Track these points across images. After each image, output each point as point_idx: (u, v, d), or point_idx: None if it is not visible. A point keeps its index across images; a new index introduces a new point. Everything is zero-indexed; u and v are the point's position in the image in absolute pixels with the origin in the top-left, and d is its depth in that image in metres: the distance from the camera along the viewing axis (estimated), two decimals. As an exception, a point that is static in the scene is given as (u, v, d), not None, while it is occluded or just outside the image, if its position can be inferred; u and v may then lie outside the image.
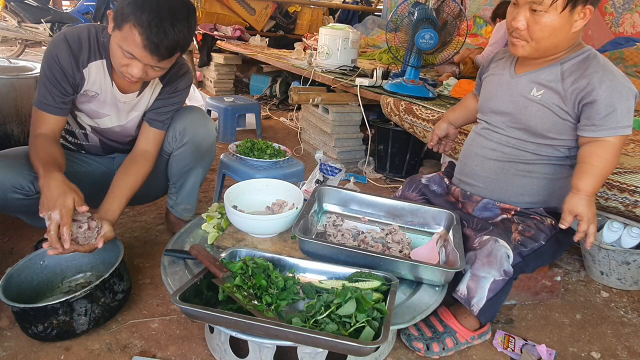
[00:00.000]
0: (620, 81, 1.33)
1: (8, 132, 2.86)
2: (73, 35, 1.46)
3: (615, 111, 1.31)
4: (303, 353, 1.22)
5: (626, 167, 1.81)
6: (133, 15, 1.29)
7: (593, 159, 1.33)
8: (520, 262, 1.37)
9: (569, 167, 1.47)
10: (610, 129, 1.32)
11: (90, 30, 1.49)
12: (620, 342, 1.56)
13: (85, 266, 1.61)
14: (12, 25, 6.44)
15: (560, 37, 1.34)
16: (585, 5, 1.30)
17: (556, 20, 1.31)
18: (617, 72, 1.35)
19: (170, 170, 1.80)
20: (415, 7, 2.65)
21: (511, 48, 1.44)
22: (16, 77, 2.84)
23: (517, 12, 1.35)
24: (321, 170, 1.99)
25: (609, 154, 1.33)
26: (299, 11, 6.87)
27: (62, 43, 1.45)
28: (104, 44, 1.49)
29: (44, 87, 1.47)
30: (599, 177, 1.33)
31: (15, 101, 2.82)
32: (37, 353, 1.33)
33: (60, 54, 1.45)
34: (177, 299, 1.08)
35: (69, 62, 1.46)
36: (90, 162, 1.75)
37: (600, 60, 1.37)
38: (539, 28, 1.33)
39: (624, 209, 1.77)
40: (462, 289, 1.36)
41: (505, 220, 1.50)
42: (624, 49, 3.50)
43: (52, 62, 1.45)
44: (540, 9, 1.30)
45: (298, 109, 4.07)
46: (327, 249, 1.36)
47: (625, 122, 1.32)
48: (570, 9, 1.29)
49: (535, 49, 1.38)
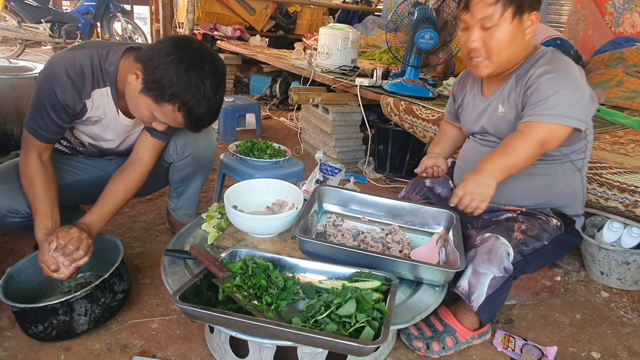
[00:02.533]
0: (565, 72, 1.33)
1: (8, 132, 2.86)
2: (74, 66, 1.36)
3: (548, 98, 1.30)
4: (303, 353, 1.22)
5: (626, 167, 1.81)
6: (179, 99, 1.26)
7: (506, 144, 1.35)
8: (521, 260, 1.37)
9: (571, 164, 1.47)
10: (536, 115, 1.31)
11: (93, 59, 1.38)
12: (620, 342, 1.56)
13: (85, 266, 1.60)
14: (12, 25, 6.43)
15: (516, 46, 1.38)
16: (531, 12, 1.34)
17: (509, 30, 1.35)
18: (565, 65, 1.35)
19: (171, 177, 1.81)
20: (415, 7, 2.65)
21: (473, 71, 1.48)
22: (16, 77, 2.84)
23: (470, 34, 1.40)
24: (321, 170, 1.99)
25: (524, 142, 1.32)
26: (299, 11, 6.87)
27: (63, 78, 1.35)
28: (109, 72, 1.40)
29: (38, 114, 1.37)
30: (504, 162, 1.34)
31: (15, 101, 2.82)
32: (37, 353, 1.33)
33: (61, 89, 1.35)
34: (177, 299, 1.08)
35: (71, 97, 1.37)
36: (86, 167, 1.69)
37: (549, 56, 1.39)
38: (495, 42, 1.37)
39: (624, 209, 1.77)
40: (463, 284, 1.36)
41: (510, 219, 1.50)
42: (624, 49, 3.49)
43: (51, 96, 1.35)
44: (490, 25, 1.35)
45: (298, 109, 4.06)
46: (327, 249, 1.36)
47: (559, 111, 1.29)
48: (519, 18, 1.34)
49: (497, 64, 1.41)
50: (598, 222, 1.96)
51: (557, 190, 1.49)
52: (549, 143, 1.33)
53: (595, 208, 1.89)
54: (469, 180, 1.36)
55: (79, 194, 1.68)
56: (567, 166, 1.47)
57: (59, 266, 1.32)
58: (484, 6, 1.34)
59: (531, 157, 1.35)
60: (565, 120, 1.30)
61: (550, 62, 1.37)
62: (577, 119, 1.31)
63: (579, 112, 1.31)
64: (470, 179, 1.36)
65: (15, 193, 1.43)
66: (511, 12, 1.33)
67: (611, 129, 2.50)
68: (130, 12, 8.21)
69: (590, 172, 1.83)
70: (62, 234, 1.31)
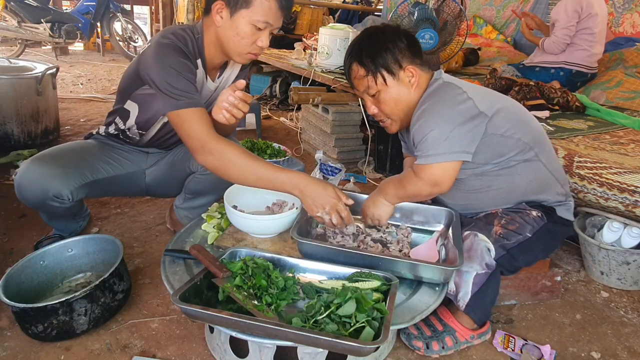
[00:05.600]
0: (432, 113, 1.38)
1: (8, 132, 2.86)
2: (179, 39, 1.45)
3: (421, 142, 1.38)
4: (303, 353, 1.22)
5: (626, 167, 1.81)
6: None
7: (402, 178, 1.50)
8: (504, 255, 1.38)
9: (524, 163, 1.46)
10: (420, 158, 1.40)
11: (187, 32, 1.49)
12: (620, 342, 1.56)
13: (85, 266, 1.61)
14: (12, 25, 6.43)
15: (406, 99, 1.48)
16: (404, 67, 1.44)
17: (391, 91, 1.47)
18: (433, 105, 1.40)
19: (187, 184, 1.81)
20: (415, 7, 2.66)
21: (387, 130, 1.58)
22: (16, 77, 2.84)
23: (365, 102, 1.54)
24: (321, 170, 1.99)
25: (416, 183, 1.42)
26: (299, 11, 6.87)
27: (177, 50, 1.42)
28: (198, 40, 1.51)
29: (181, 88, 1.39)
30: (398, 192, 1.51)
31: (15, 101, 2.83)
32: (37, 353, 1.33)
33: (181, 56, 1.42)
34: (177, 299, 1.08)
35: (190, 63, 1.46)
36: (124, 160, 1.73)
37: (425, 97, 1.45)
38: (384, 105, 1.49)
39: (624, 209, 1.77)
40: (451, 285, 1.38)
41: (489, 215, 1.52)
42: (624, 49, 3.49)
43: (179, 62, 1.40)
44: (374, 92, 1.47)
45: (298, 109, 4.06)
46: (325, 250, 1.36)
47: (433, 151, 1.36)
48: (396, 77, 1.45)
49: (399, 120, 1.53)
50: (598, 222, 1.96)
51: (522, 188, 1.50)
52: (440, 183, 1.39)
53: (595, 208, 1.89)
54: (371, 202, 1.58)
55: (113, 187, 1.74)
56: (520, 166, 1.46)
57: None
58: (359, 81, 1.49)
59: (423, 194, 1.47)
60: (439, 158, 1.36)
61: (422, 105, 1.43)
62: (451, 153, 1.35)
63: (450, 146, 1.35)
64: (373, 201, 1.58)
65: (66, 178, 1.51)
66: (383, 77, 1.44)
67: (611, 129, 2.50)
68: (130, 12, 8.22)
69: (590, 172, 1.84)
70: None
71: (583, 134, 2.34)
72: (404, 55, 1.45)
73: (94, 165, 1.63)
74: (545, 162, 1.49)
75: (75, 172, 1.55)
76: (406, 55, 1.45)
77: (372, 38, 1.48)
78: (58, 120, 3.24)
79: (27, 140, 2.94)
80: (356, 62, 1.47)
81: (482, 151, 1.41)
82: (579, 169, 1.88)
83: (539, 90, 2.80)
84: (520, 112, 1.52)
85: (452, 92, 1.42)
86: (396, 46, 1.44)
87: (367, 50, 1.45)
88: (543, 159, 1.48)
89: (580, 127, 2.50)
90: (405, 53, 1.45)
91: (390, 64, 1.43)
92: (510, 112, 1.46)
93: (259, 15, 1.40)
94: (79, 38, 7.00)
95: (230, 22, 1.42)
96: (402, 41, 1.45)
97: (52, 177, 1.49)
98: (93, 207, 2.17)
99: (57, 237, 1.72)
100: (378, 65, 1.43)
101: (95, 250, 1.61)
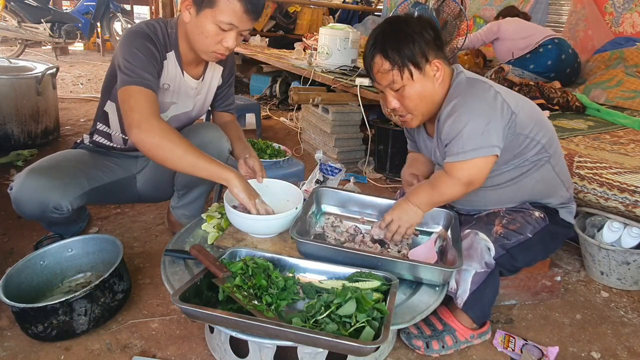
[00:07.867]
0: (464, 107, 1.32)
1: (8, 132, 2.86)
2: (149, 27, 1.48)
3: (457, 138, 1.32)
4: (303, 353, 1.22)
5: (626, 167, 1.81)
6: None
7: (434, 182, 1.43)
8: (504, 254, 1.38)
9: (535, 164, 1.46)
10: (452, 156, 1.34)
11: (160, 23, 1.52)
12: (620, 342, 1.56)
13: (85, 266, 1.61)
14: (12, 25, 6.43)
15: (430, 94, 1.40)
16: (431, 61, 1.36)
17: (417, 86, 1.37)
18: (465, 99, 1.34)
19: (177, 179, 1.81)
20: (415, 7, 2.66)
21: (406, 126, 1.51)
22: (16, 77, 2.84)
23: (385, 96, 1.43)
24: (321, 170, 1.99)
25: (449, 185, 1.37)
26: (299, 11, 6.87)
27: (145, 35, 1.45)
28: (172, 35, 1.52)
29: (139, 67, 1.41)
30: (430, 198, 1.43)
31: (15, 101, 2.83)
32: (37, 353, 1.33)
33: (147, 41, 1.45)
34: (177, 299, 1.08)
35: (157, 51, 1.47)
36: (115, 167, 1.74)
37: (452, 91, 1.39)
38: (408, 101, 1.39)
39: (624, 209, 1.77)
40: (451, 283, 1.38)
41: (490, 214, 1.52)
42: (624, 49, 3.50)
43: (144, 45, 1.43)
44: (398, 87, 1.38)
45: (298, 109, 4.06)
46: (325, 250, 1.36)
47: (470, 146, 1.30)
48: (422, 71, 1.36)
49: (420, 115, 1.44)
50: (598, 222, 1.96)
51: (528, 189, 1.49)
52: (475, 181, 1.35)
53: (595, 208, 1.89)
54: (398, 207, 1.47)
55: (109, 194, 1.74)
56: (526, 163, 1.45)
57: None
58: (383, 75, 1.38)
59: (457, 196, 1.41)
60: (477, 153, 1.31)
61: (451, 101, 1.36)
62: (488, 147, 1.31)
63: (487, 140, 1.31)
64: (399, 206, 1.47)
65: (64, 189, 1.50)
66: (410, 71, 1.35)
67: (611, 129, 2.50)
68: (130, 12, 8.22)
69: (590, 172, 1.84)
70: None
71: (583, 134, 2.34)
72: (431, 47, 1.36)
73: (90, 173, 1.62)
74: (553, 164, 1.49)
75: (73, 182, 1.55)
76: (432, 48, 1.36)
77: (397, 28, 1.36)
78: (58, 120, 3.24)
79: (27, 140, 2.94)
80: (380, 55, 1.36)
81: (507, 151, 1.38)
82: (579, 169, 1.88)
83: (539, 90, 2.80)
84: (537, 112, 1.49)
85: (481, 87, 1.37)
86: (423, 38, 1.34)
87: (393, 42, 1.34)
88: (552, 161, 1.48)
89: (580, 127, 2.50)
90: (431, 46, 1.36)
91: (417, 58, 1.34)
92: (531, 111, 1.43)
93: (223, 16, 1.38)
94: (79, 38, 7.00)
95: (196, 20, 1.42)
96: (428, 33, 1.36)
97: (50, 189, 1.48)
98: (93, 207, 2.17)
99: (57, 237, 1.72)
100: (405, 59, 1.33)
101: (95, 250, 1.61)
